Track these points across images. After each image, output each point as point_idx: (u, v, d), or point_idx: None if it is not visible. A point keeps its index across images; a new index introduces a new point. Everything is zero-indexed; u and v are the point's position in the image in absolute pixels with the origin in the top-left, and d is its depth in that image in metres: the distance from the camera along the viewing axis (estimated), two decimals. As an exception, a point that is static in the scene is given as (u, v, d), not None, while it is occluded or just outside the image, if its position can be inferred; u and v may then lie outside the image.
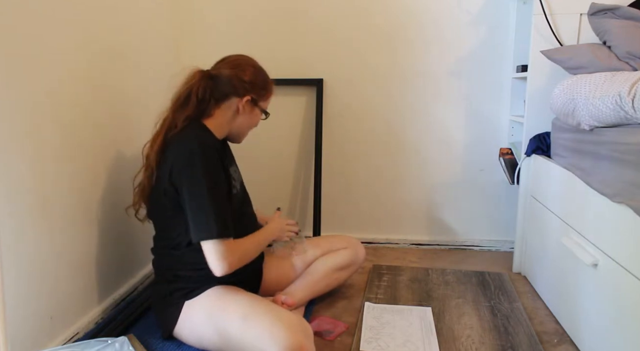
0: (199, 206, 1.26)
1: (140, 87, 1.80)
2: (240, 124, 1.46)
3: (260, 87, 1.44)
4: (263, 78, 1.46)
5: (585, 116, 1.39)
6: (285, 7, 2.20)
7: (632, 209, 1.10)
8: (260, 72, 1.46)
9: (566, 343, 1.45)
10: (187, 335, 1.34)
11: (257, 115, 1.48)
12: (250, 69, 1.43)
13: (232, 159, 1.55)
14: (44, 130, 1.29)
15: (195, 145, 1.30)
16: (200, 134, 1.36)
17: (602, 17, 1.63)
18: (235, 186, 1.44)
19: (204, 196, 1.26)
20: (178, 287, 1.35)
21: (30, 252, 1.25)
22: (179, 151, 1.31)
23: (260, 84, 1.44)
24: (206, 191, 1.26)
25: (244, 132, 1.50)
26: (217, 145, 1.38)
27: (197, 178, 1.27)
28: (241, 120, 1.45)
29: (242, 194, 1.52)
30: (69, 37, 1.39)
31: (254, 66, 1.45)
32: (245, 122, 1.47)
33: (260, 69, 1.47)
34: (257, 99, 1.45)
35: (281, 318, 1.21)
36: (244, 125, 1.47)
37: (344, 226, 2.33)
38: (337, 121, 2.26)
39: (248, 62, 1.45)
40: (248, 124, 1.48)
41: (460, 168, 2.24)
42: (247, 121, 1.46)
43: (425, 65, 2.18)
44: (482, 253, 2.24)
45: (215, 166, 1.31)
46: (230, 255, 1.27)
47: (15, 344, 1.18)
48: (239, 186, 1.50)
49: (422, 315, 1.59)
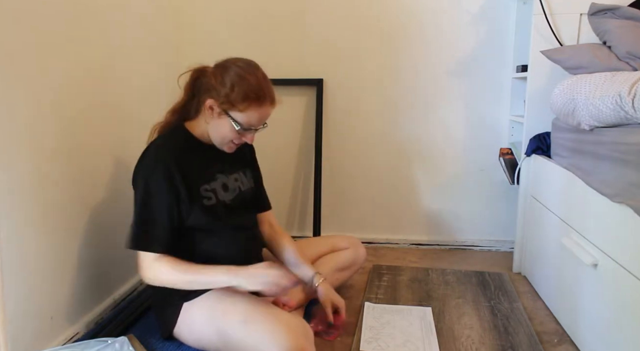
0: (135, 214, 1.30)
1: (140, 88, 1.80)
2: (211, 131, 1.34)
3: (231, 96, 1.27)
4: (240, 87, 1.27)
5: (585, 116, 1.39)
6: (285, 7, 2.19)
7: (633, 209, 1.10)
8: (239, 78, 1.28)
9: (566, 343, 1.45)
10: (186, 336, 1.34)
11: (226, 125, 1.30)
12: (232, 74, 1.28)
13: (230, 165, 1.44)
14: (44, 130, 1.29)
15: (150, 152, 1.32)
16: (161, 149, 1.32)
17: (602, 17, 1.63)
18: (213, 197, 1.35)
19: (138, 206, 1.29)
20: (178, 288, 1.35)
21: (30, 252, 1.25)
22: (139, 159, 1.35)
23: (233, 92, 1.27)
24: (140, 202, 1.29)
25: (218, 142, 1.35)
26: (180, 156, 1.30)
27: (138, 186, 1.30)
28: (211, 126, 1.33)
29: (232, 204, 1.39)
30: (69, 38, 1.39)
31: (239, 72, 1.29)
32: (215, 131, 1.33)
33: (242, 76, 1.28)
34: (226, 108, 1.28)
35: (282, 321, 1.20)
36: (215, 133, 1.34)
37: (344, 226, 2.33)
38: (337, 121, 2.26)
39: (236, 65, 1.31)
40: (220, 135, 1.33)
41: (460, 168, 2.24)
42: (217, 129, 1.32)
43: (425, 65, 2.17)
44: (482, 253, 2.24)
45: (160, 178, 1.27)
46: (147, 271, 1.28)
47: (15, 344, 1.18)
48: (231, 195, 1.40)
49: (422, 315, 1.59)
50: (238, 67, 1.30)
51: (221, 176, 1.40)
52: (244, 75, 1.29)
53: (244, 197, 1.46)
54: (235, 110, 1.28)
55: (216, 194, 1.37)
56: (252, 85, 1.28)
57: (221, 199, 1.37)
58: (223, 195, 1.38)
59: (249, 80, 1.28)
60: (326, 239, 1.76)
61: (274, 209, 1.63)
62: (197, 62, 1.37)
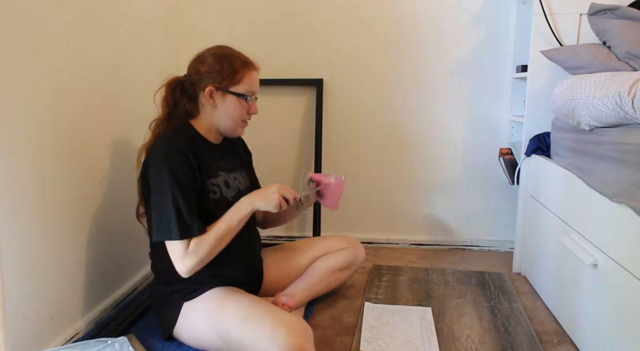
0: (160, 206, 1.28)
1: (140, 88, 1.80)
2: (221, 117, 1.38)
3: (225, 72, 1.34)
4: (227, 62, 1.36)
5: (585, 116, 1.39)
6: (285, 7, 2.20)
7: (633, 209, 1.10)
8: (221, 57, 1.36)
9: (566, 343, 1.45)
10: (186, 336, 1.34)
11: (235, 102, 1.37)
12: (209, 59, 1.36)
13: (230, 164, 1.48)
14: (45, 130, 1.29)
15: (162, 147, 1.31)
16: (173, 138, 1.33)
17: (601, 17, 1.63)
18: (218, 192, 1.38)
19: (165, 196, 1.27)
20: (177, 288, 1.35)
21: (30, 252, 1.25)
22: (149, 154, 1.34)
23: (225, 69, 1.35)
24: (168, 191, 1.26)
25: (230, 125, 1.40)
26: (192, 148, 1.33)
27: (158, 176, 1.28)
28: (219, 112, 1.37)
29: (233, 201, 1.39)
30: (69, 38, 1.39)
31: (216, 53, 1.38)
32: (225, 114, 1.37)
33: (223, 54, 1.37)
34: (225, 86, 1.35)
35: (281, 320, 1.21)
36: (226, 117, 1.38)
37: (344, 226, 2.33)
38: (337, 121, 2.26)
39: (210, 51, 1.39)
40: (230, 115, 1.38)
41: (460, 168, 2.24)
42: (226, 111, 1.37)
43: (425, 65, 2.18)
44: (482, 253, 2.24)
45: (179, 167, 1.28)
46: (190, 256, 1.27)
47: (15, 344, 1.18)
48: (232, 192, 1.42)
49: (422, 315, 1.59)
50: (212, 50, 1.40)
51: (223, 173, 1.43)
52: (223, 52, 1.39)
53: (243, 195, 1.46)
54: (234, 84, 1.36)
55: (220, 190, 1.39)
56: (234, 57, 1.38)
57: (224, 195, 1.40)
58: (225, 191, 1.41)
59: (230, 54, 1.39)
60: (324, 240, 1.74)
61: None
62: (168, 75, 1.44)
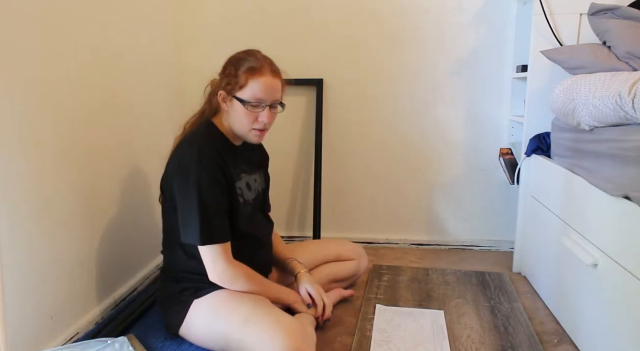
0: (186, 209, 1.28)
1: (140, 87, 1.80)
2: (232, 122, 1.37)
3: (231, 76, 1.32)
4: (234, 66, 1.33)
5: (585, 116, 1.39)
6: (285, 7, 2.19)
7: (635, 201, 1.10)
8: (232, 60, 1.35)
9: (566, 343, 1.45)
10: (192, 334, 1.34)
11: (240, 108, 1.32)
12: (230, 61, 1.36)
13: (250, 166, 1.48)
14: (45, 130, 1.29)
15: (190, 149, 1.31)
16: (202, 139, 1.33)
17: (602, 17, 1.63)
18: (241, 195, 1.39)
19: (192, 199, 1.26)
20: (188, 286, 1.35)
21: (31, 252, 1.25)
22: (175, 153, 1.34)
23: (231, 73, 1.32)
24: (195, 194, 1.26)
25: (241, 131, 1.37)
26: (218, 149, 1.34)
27: (187, 180, 1.28)
28: (230, 117, 1.36)
29: (253, 204, 1.42)
30: (69, 38, 1.39)
31: (233, 56, 1.37)
32: (235, 119, 1.35)
33: (235, 58, 1.35)
34: (231, 90, 1.32)
35: (281, 322, 1.21)
36: (236, 122, 1.36)
37: (344, 226, 2.33)
38: (337, 121, 2.26)
39: (233, 54, 1.38)
40: (239, 121, 1.34)
41: (460, 168, 2.24)
42: (235, 117, 1.35)
43: (426, 65, 2.18)
44: (482, 253, 2.24)
45: (208, 171, 1.28)
46: (216, 265, 1.28)
47: (15, 344, 1.18)
48: (252, 195, 1.43)
49: (434, 319, 1.57)
50: (235, 53, 1.38)
51: (244, 175, 1.43)
52: (239, 56, 1.36)
53: (259, 198, 1.50)
54: (238, 88, 1.32)
55: (242, 193, 1.40)
56: (246, 60, 1.33)
57: (246, 198, 1.41)
58: (247, 194, 1.42)
59: (243, 58, 1.34)
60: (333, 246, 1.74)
61: (274, 209, 1.64)
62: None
